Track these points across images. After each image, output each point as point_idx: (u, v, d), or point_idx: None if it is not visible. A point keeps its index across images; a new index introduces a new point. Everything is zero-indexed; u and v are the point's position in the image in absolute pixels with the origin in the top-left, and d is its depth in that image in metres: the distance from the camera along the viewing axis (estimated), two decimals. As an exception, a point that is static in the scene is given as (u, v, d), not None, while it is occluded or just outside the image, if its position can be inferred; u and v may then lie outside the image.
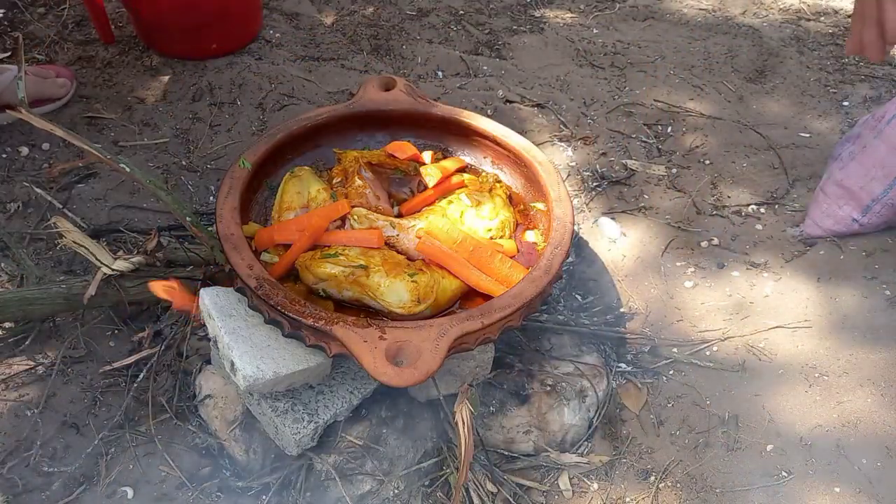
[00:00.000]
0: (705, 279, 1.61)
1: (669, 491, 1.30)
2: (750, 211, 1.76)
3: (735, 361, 1.47)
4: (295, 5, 2.34)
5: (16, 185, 1.71)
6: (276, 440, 1.25)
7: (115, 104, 1.94)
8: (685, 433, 1.37)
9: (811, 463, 1.32)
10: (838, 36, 2.30)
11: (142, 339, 1.43)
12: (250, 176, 1.36)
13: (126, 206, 1.69)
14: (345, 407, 1.25)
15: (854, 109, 2.03)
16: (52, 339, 1.44)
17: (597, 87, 2.10)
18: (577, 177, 1.82)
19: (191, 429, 1.33)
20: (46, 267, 1.54)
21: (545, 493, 1.29)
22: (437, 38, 2.26)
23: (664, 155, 1.90)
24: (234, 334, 1.19)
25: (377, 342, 1.08)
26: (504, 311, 1.16)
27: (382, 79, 1.59)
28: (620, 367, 1.45)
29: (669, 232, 1.70)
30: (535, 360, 1.39)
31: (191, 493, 1.26)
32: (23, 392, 1.37)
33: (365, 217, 1.33)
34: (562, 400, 1.34)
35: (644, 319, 1.54)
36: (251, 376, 1.14)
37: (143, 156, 1.82)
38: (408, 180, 1.46)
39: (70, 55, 2.08)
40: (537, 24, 2.34)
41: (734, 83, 2.12)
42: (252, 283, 1.16)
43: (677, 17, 2.39)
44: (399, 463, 1.26)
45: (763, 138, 1.94)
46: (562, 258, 1.26)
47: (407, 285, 1.21)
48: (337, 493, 1.22)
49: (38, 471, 1.27)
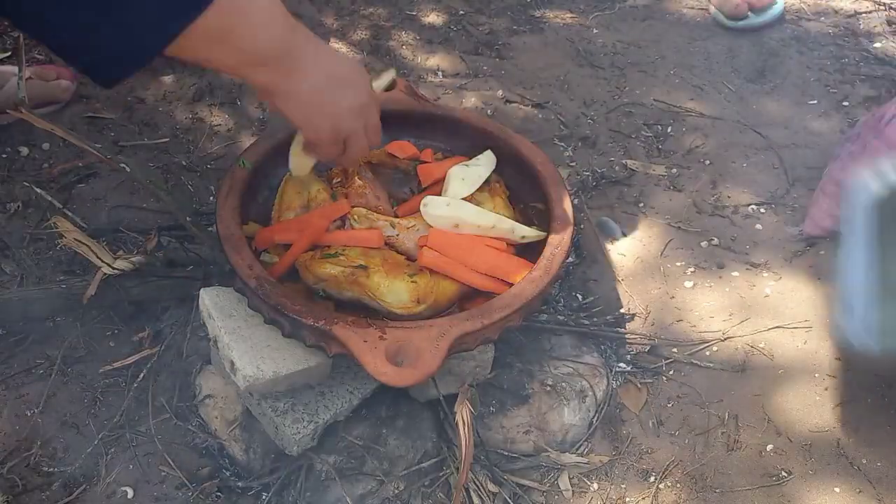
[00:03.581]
0: (705, 279, 1.61)
1: (669, 491, 1.30)
2: (750, 211, 1.76)
3: (735, 361, 1.47)
4: (295, 5, 2.34)
5: (16, 185, 1.71)
6: (276, 440, 1.25)
7: (115, 104, 1.94)
8: (685, 433, 1.37)
9: (811, 463, 1.32)
10: (838, 36, 2.30)
11: (142, 339, 1.43)
12: (250, 176, 1.36)
13: (126, 206, 1.69)
14: (345, 407, 1.25)
15: (854, 109, 2.03)
16: (52, 339, 1.44)
17: (597, 87, 2.10)
18: (577, 177, 1.82)
19: (191, 429, 1.33)
20: (46, 267, 1.54)
21: (545, 493, 1.29)
22: (437, 38, 2.26)
23: (664, 155, 1.90)
24: (234, 334, 1.19)
25: (377, 342, 1.08)
26: (504, 311, 1.16)
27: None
28: (620, 367, 1.45)
29: (669, 232, 1.70)
30: (535, 360, 1.39)
31: (191, 493, 1.26)
32: (23, 392, 1.37)
33: (365, 217, 1.33)
34: (562, 400, 1.34)
35: (644, 319, 1.54)
36: (251, 376, 1.14)
37: (143, 156, 1.82)
38: (408, 180, 1.46)
39: (70, 55, 2.08)
40: (537, 24, 2.33)
41: (734, 83, 2.12)
42: (252, 283, 1.16)
43: (677, 17, 2.39)
44: (399, 463, 1.26)
45: (763, 138, 1.94)
46: (562, 258, 1.26)
47: (407, 286, 1.21)
48: (337, 493, 1.22)
49: (38, 471, 1.27)
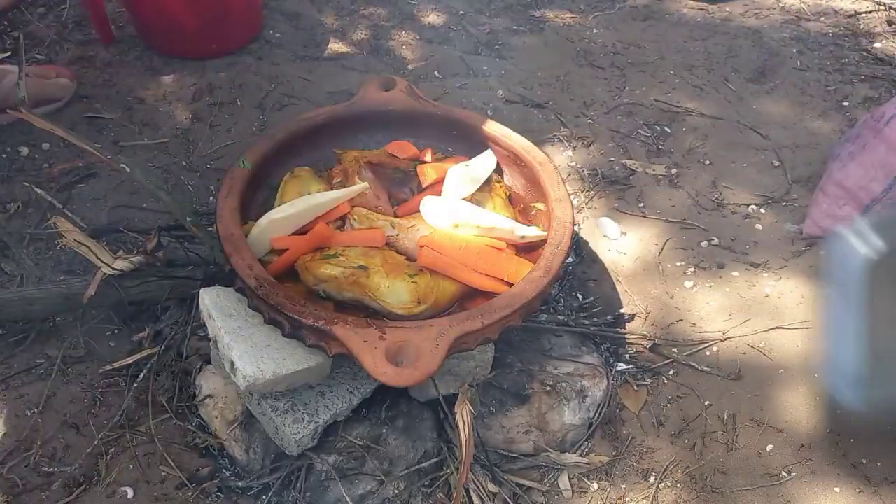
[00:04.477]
0: (705, 279, 1.61)
1: (669, 491, 1.30)
2: (750, 211, 1.76)
3: (735, 361, 1.47)
4: (295, 5, 2.34)
5: (16, 185, 1.71)
6: (276, 440, 1.25)
7: (115, 104, 1.94)
8: (685, 433, 1.37)
9: (811, 463, 1.32)
10: (838, 36, 2.30)
11: (142, 339, 1.43)
12: (250, 176, 1.36)
13: (126, 206, 1.69)
14: (345, 407, 1.25)
15: (854, 109, 2.03)
16: (52, 339, 1.44)
17: (597, 87, 2.10)
18: (577, 177, 1.82)
19: (191, 429, 1.33)
20: (46, 267, 1.54)
21: (545, 493, 1.29)
22: (437, 38, 2.26)
23: (664, 155, 1.90)
24: (234, 334, 1.19)
25: (377, 342, 1.08)
26: (504, 311, 1.16)
27: (382, 79, 1.59)
28: (620, 367, 1.45)
29: (669, 232, 1.70)
30: (535, 360, 1.39)
31: (191, 493, 1.26)
32: (23, 392, 1.37)
33: (365, 217, 1.33)
34: (562, 400, 1.34)
35: (644, 319, 1.54)
36: (251, 376, 1.14)
37: (143, 156, 1.82)
38: (408, 180, 1.46)
39: (70, 55, 2.08)
40: (537, 24, 2.34)
41: (734, 83, 2.12)
42: (252, 283, 1.16)
43: (677, 17, 2.39)
44: (399, 463, 1.26)
45: (763, 138, 1.94)
46: (562, 258, 1.26)
47: (407, 286, 1.21)
48: (337, 493, 1.22)
49: (38, 471, 1.27)
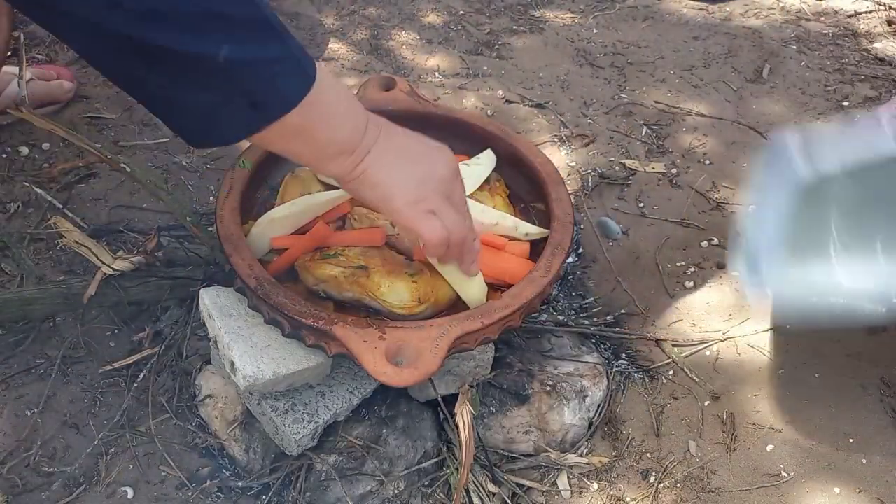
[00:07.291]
0: (705, 279, 1.61)
1: (669, 491, 1.30)
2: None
3: (735, 361, 1.47)
4: (295, 5, 2.34)
5: (16, 185, 1.71)
6: (276, 440, 1.25)
7: (115, 104, 1.94)
8: (685, 433, 1.37)
9: (811, 463, 1.32)
10: (838, 36, 2.30)
11: (142, 339, 1.43)
12: (250, 176, 1.36)
13: (126, 206, 1.69)
14: (345, 407, 1.25)
15: (854, 109, 2.03)
16: (52, 339, 1.44)
17: (597, 87, 2.10)
18: (577, 177, 1.82)
19: (191, 429, 1.33)
20: (46, 267, 1.54)
21: (545, 493, 1.29)
22: (437, 38, 2.26)
23: (664, 154, 1.90)
24: (234, 334, 1.19)
25: (377, 342, 1.08)
26: (504, 311, 1.16)
27: (382, 79, 1.58)
28: (620, 367, 1.45)
29: (669, 231, 1.70)
30: (535, 360, 1.39)
31: (191, 493, 1.26)
32: (23, 392, 1.37)
33: (365, 216, 1.33)
34: (562, 400, 1.34)
35: (644, 319, 1.54)
36: (251, 376, 1.14)
37: (143, 156, 1.82)
38: (408, 180, 1.46)
39: (70, 55, 2.08)
40: (537, 24, 2.34)
41: (734, 83, 2.12)
42: (252, 283, 1.16)
43: (677, 17, 2.39)
44: (399, 463, 1.26)
45: (763, 138, 1.94)
46: (562, 258, 1.26)
47: (408, 285, 1.21)
48: (337, 493, 1.22)
49: (38, 471, 1.27)
